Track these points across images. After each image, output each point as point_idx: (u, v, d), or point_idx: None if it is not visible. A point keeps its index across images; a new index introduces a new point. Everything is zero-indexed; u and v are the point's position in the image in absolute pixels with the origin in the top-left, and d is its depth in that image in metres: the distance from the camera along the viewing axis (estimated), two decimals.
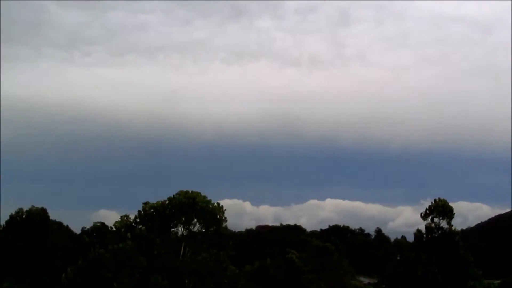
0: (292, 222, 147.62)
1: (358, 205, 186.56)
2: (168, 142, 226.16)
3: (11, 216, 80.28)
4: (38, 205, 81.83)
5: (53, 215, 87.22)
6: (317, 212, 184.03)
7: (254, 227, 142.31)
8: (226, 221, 45.48)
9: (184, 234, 45.09)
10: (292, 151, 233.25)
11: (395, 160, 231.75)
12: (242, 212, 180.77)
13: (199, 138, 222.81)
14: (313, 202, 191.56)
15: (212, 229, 45.09)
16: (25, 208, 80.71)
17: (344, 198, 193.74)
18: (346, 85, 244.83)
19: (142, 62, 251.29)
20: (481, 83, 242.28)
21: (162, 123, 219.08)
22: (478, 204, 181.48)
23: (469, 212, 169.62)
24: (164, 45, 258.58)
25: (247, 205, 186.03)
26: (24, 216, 79.94)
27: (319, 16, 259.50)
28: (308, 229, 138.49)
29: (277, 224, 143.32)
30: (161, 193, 44.86)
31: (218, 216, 45.08)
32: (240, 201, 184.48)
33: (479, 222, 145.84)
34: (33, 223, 78.46)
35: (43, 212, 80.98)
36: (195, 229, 45.26)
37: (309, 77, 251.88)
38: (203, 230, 45.20)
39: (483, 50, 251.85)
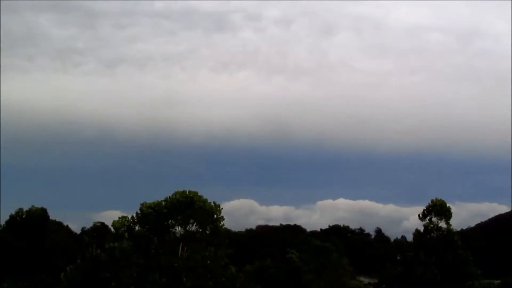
0: (304, 222, 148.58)
1: (371, 205, 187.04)
2: (165, 145, 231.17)
3: (11, 216, 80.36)
4: (39, 206, 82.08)
5: (55, 216, 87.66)
6: (329, 212, 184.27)
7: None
8: (223, 219, 45.71)
9: (182, 233, 45.23)
10: (288, 153, 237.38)
11: (388, 162, 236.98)
12: (252, 213, 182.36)
13: (195, 140, 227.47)
14: (325, 202, 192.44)
15: (209, 228, 45.26)
16: (25, 208, 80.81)
17: (354, 198, 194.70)
18: (332, 91, 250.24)
19: (132, 71, 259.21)
20: (465, 89, 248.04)
21: (160, 127, 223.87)
22: (480, 204, 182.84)
23: (469, 213, 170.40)
24: (152, 56, 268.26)
25: (257, 206, 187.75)
26: (24, 216, 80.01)
27: (299, 27, 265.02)
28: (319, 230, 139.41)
29: (286, 224, 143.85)
30: (164, 194, 45.75)
31: (215, 216, 45.27)
32: (250, 201, 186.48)
33: (479, 222, 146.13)
34: (33, 223, 78.55)
35: (43, 212, 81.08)
36: (193, 229, 45.44)
37: (295, 84, 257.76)
38: (200, 230, 45.36)
39: (464, 58, 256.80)
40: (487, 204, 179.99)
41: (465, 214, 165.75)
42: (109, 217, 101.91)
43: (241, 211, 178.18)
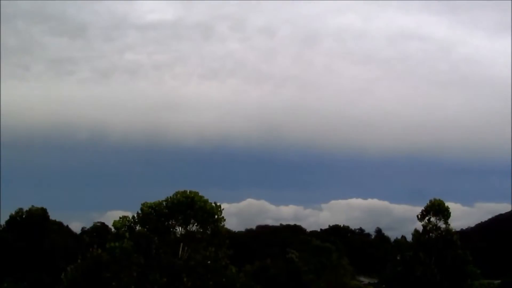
0: (313, 222, 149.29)
1: (383, 204, 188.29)
2: (160, 147, 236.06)
3: (11, 216, 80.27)
4: (39, 206, 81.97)
5: (55, 216, 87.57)
6: (341, 211, 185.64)
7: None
8: (224, 220, 45.83)
9: (182, 233, 45.34)
10: (285, 154, 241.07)
11: (389, 163, 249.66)
12: (263, 212, 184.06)
13: (189, 142, 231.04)
14: (337, 202, 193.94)
15: (210, 228, 45.39)
16: (25, 208, 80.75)
17: (365, 197, 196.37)
18: (320, 95, 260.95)
19: (124, 79, 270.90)
20: (451, 94, 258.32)
21: (154, 130, 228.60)
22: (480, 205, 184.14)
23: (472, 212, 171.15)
24: (143, 64, 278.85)
25: (268, 206, 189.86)
26: (24, 216, 79.93)
27: (283, 36, 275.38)
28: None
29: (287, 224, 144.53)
30: (164, 195, 46.22)
31: (216, 216, 45.37)
32: (261, 202, 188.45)
33: (479, 222, 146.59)
34: (33, 223, 78.48)
35: (43, 212, 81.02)
36: (194, 229, 45.55)
37: (284, 89, 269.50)
38: (201, 230, 45.48)
39: (448, 65, 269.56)
40: (487, 204, 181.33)
41: (467, 214, 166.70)
42: (111, 217, 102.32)
43: (252, 211, 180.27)
